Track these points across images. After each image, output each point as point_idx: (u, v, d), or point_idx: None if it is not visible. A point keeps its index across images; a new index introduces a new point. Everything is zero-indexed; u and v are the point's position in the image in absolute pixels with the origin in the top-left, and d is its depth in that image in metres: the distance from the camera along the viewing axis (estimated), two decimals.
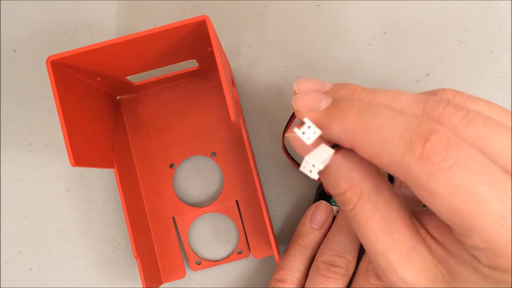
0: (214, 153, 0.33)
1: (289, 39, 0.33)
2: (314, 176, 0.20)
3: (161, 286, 0.32)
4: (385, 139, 0.18)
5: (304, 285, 0.29)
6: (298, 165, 0.32)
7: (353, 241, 0.28)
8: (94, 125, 0.28)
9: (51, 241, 0.33)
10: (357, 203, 0.20)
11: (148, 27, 0.33)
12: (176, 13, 0.33)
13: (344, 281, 0.28)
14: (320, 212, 0.30)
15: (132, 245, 0.29)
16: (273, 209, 0.33)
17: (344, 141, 0.20)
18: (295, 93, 0.22)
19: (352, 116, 0.19)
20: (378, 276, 0.27)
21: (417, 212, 0.22)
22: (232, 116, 0.23)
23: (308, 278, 0.29)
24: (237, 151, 0.32)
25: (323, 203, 0.30)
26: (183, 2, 0.33)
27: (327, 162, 0.20)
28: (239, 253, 0.32)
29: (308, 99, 0.21)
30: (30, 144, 0.33)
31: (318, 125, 0.20)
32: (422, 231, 0.21)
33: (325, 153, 0.20)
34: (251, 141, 0.33)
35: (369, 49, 0.32)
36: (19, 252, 0.33)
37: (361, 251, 0.29)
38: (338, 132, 0.20)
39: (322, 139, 0.21)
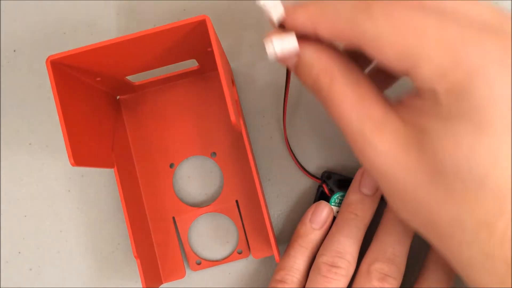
0: (214, 153, 0.33)
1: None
2: (276, 50, 0.22)
3: (161, 286, 0.32)
4: (339, 10, 0.21)
5: (304, 286, 0.29)
6: (299, 162, 0.32)
7: (354, 242, 0.28)
8: (94, 125, 0.28)
9: (51, 241, 0.33)
10: (330, 85, 0.22)
11: (148, 27, 0.33)
12: (176, 13, 0.33)
13: (344, 282, 0.28)
14: (320, 212, 0.30)
15: (132, 245, 0.29)
16: (273, 209, 0.33)
17: (308, 26, 0.22)
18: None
19: (313, 6, 0.22)
20: (379, 278, 0.27)
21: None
22: (232, 116, 0.23)
23: (308, 278, 0.29)
24: (237, 151, 0.32)
25: (323, 203, 0.30)
26: (183, 2, 0.33)
27: (290, 46, 0.22)
28: (239, 253, 0.32)
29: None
30: (30, 144, 0.33)
31: (284, 17, 0.23)
32: (394, 104, 0.23)
33: (286, 39, 0.22)
34: (251, 141, 0.33)
35: None
36: (19, 252, 0.33)
37: (362, 252, 0.29)
38: (302, 19, 0.22)
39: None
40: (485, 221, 0.20)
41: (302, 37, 0.23)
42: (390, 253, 0.27)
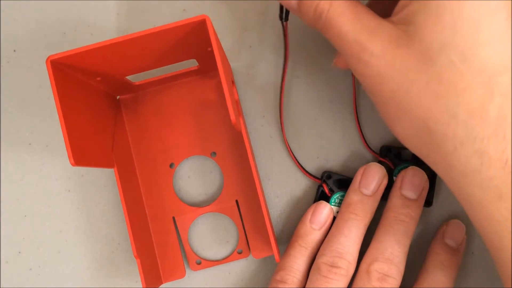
0: (214, 153, 0.33)
1: (289, 39, 0.33)
2: None
3: (161, 286, 0.32)
4: None
5: (304, 286, 0.29)
6: (299, 162, 0.32)
7: (354, 242, 0.28)
8: (94, 125, 0.28)
9: (51, 241, 0.33)
10: (329, 8, 0.23)
11: (148, 27, 0.33)
12: (176, 13, 0.33)
13: (344, 282, 0.28)
14: (320, 212, 0.30)
15: (132, 245, 0.29)
16: (273, 209, 0.33)
17: None
18: None
19: None
20: (379, 278, 0.27)
21: None
22: (232, 116, 0.23)
23: (308, 278, 0.29)
24: (237, 151, 0.32)
25: (323, 203, 0.30)
26: (183, 2, 0.33)
27: None
28: (239, 253, 0.32)
29: None
30: (30, 144, 0.33)
31: None
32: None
33: None
34: (251, 141, 0.33)
35: None
36: (19, 252, 0.33)
37: (362, 252, 0.29)
38: None
39: None
40: (476, 107, 0.20)
41: None
42: (390, 253, 0.27)
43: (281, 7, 0.30)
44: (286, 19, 0.30)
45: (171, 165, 0.33)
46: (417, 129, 0.22)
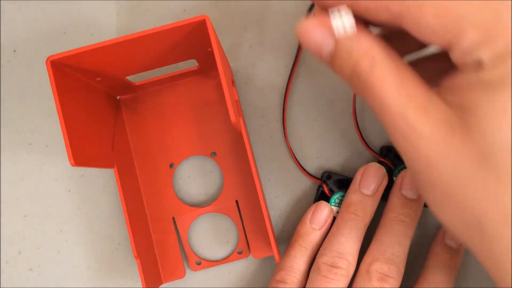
0: (214, 153, 0.33)
1: (289, 39, 0.33)
2: (349, 29, 0.21)
3: (161, 286, 0.32)
4: None
5: (304, 286, 0.29)
6: (299, 162, 0.32)
7: (354, 242, 0.28)
8: (94, 125, 0.28)
9: (51, 241, 0.33)
10: (370, 69, 0.21)
11: (148, 27, 0.33)
12: (176, 13, 0.33)
13: (345, 282, 0.28)
14: (321, 212, 0.30)
15: (132, 245, 0.29)
16: (273, 209, 0.33)
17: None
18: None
19: None
20: (379, 278, 0.27)
21: None
22: (232, 117, 0.23)
23: (309, 279, 0.29)
24: (237, 151, 0.32)
25: (323, 203, 0.30)
26: (183, 2, 0.33)
27: (351, 21, 0.21)
28: (239, 253, 0.32)
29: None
30: (30, 144, 0.33)
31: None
32: (435, 88, 0.21)
33: (341, 12, 0.21)
34: (251, 141, 0.33)
35: None
36: (19, 252, 0.33)
37: (362, 252, 0.29)
38: None
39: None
40: None
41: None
42: (390, 253, 0.27)
43: (312, 7, 0.30)
44: None
45: (171, 165, 0.33)
46: (466, 221, 0.20)
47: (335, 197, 0.31)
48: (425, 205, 0.30)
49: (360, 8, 0.21)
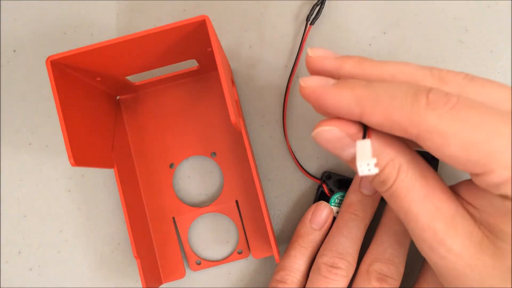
0: (214, 153, 0.33)
1: (289, 39, 0.33)
2: (374, 170, 0.20)
3: (161, 286, 0.32)
4: (394, 96, 0.20)
5: (304, 286, 0.29)
6: (299, 162, 0.32)
7: (354, 243, 0.28)
8: (94, 125, 0.28)
9: (51, 241, 0.33)
10: (396, 177, 0.21)
11: (148, 27, 0.33)
12: (176, 13, 0.33)
13: (345, 282, 0.28)
14: (321, 212, 0.30)
15: (132, 245, 0.29)
16: (273, 209, 0.33)
17: (354, 109, 0.21)
18: (307, 56, 0.24)
19: (360, 86, 0.21)
20: (379, 278, 0.27)
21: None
22: (232, 117, 0.23)
23: (309, 279, 0.29)
24: (237, 151, 0.32)
25: (323, 204, 0.30)
26: (183, 2, 0.33)
27: (371, 152, 0.21)
28: (239, 253, 0.32)
29: (316, 78, 0.22)
30: (30, 144, 0.33)
31: (324, 98, 0.21)
32: (459, 198, 0.21)
33: (365, 145, 0.21)
34: (251, 141, 0.33)
35: (369, 49, 0.32)
36: (19, 252, 0.33)
37: (362, 252, 0.29)
38: (348, 100, 0.21)
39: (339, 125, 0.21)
40: None
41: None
42: (390, 253, 0.27)
43: (313, 8, 0.30)
44: (313, 23, 0.31)
45: (171, 165, 0.33)
46: None
47: (335, 197, 0.31)
48: None
49: (372, 123, 0.21)
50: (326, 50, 0.24)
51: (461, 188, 0.22)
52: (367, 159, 0.20)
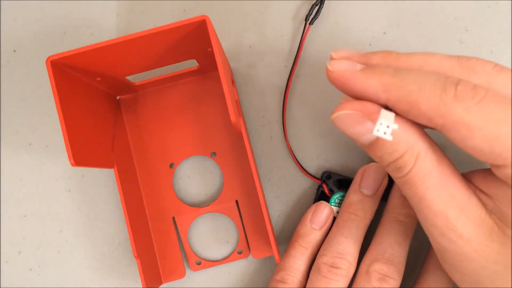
0: (214, 153, 0.33)
1: (289, 39, 0.33)
2: (389, 137, 0.20)
3: (161, 286, 0.32)
4: (422, 87, 0.20)
5: (304, 286, 0.29)
6: (299, 162, 0.32)
7: (354, 242, 0.28)
8: (94, 125, 0.28)
9: (51, 241, 0.33)
10: (414, 164, 0.21)
11: (148, 27, 0.33)
12: (176, 13, 0.33)
13: (345, 282, 0.28)
14: (321, 212, 0.30)
15: (132, 245, 0.29)
16: (273, 209, 0.33)
17: (381, 96, 0.21)
18: (331, 59, 0.24)
19: (388, 74, 0.21)
20: (379, 278, 0.27)
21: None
22: (232, 117, 0.23)
23: (309, 279, 0.29)
24: (237, 151, 0.32)
25: (323, 204, 0.30)
26: (183, 2, 0.33)
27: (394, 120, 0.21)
28: (239, 253, 0.32)
29: (343, 62, 0.23)
30: (30, 144, 0.33)
31: (351, 83, 0.22)
32: (471, 186, 0.22)
33: (389, 114, 0.21)
34: (251, 141, 0.33)
35: (369, 49, 0.32)
36: (19, 252, 0.33)
37: (362, 252, 0.29)
38: (375, 88, 0.21)
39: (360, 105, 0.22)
40: None
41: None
42: (390, 253, 0.27)
43: (312, 8, 0.30)
44: (312, 22, 0.31)
45: (171, 165, 0.33)
46: None
47: (335, 197, 0.31)
48: None
49: (397, 109, 0.21)
50: (350, 50, 0.24)
51: (475, 176, 0.23)
52: (389, 121, 0.20)
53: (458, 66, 0.22)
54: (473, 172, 0.23)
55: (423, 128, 0.22)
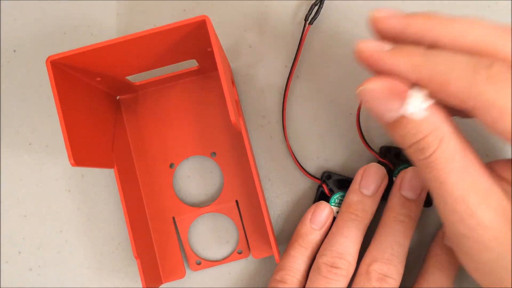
0: (214, 153, 0.33)
1: (289, 39, 0.33)
2: (423, 113, 0.20)
3: (161, 286, 0.32)
4: (453, 67, 0.20)
5: (304, 286, 0.29)
6: (299, 162, 0.32)
7: (354, 243, 0.28)
8: (94, 125, 0.28)
9: (51, 241, 0.33)
10: (438, 147, 0.21)
11: (148, 27, 0.33)
12: (176, 13, 0.33)
13: (344, 282, 0.28)
14: (321, 212, 0.30)
15: (132, 245, 0.29)
16: (273, 209, 0.33)
17: (410, 75, 0.21)
18: (372, 17, 0.23)
19: (418, 54, 0.21)
20: (378, 278, 0.27)
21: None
22: (232, 117, 0.23)
23: (308, 279, 0.29)
24: (237, 151, 0.32)
25: (323, 204, 0.30)
26: (183, 2, 0.33)
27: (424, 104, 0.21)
28: (239, 253, 0.32)
29: (371, 43, 0.22)
30: (30, 144, 0.33)
31: (380, 63, 0.21)
32: (494, 174, 0.22)
33: (419, 94, 0.21)
34: (251, 141, 0.33)
35: None
36: (19, 252, 0.33)
37: (361, 252, 0.29)
38: (404, 67, 0.21)
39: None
40: None
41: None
42: (389, 253, 0.27)
43: (311, 7, 0.30)
44: (311, 22, 0.31)
45: (171, 165, 0.33)
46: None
47: (335, 197, 0.31)
48: (425, 205, 0.30)
49: (429, 91, 0.21)
50: (392, 10, 0.23)
51: (498, 165, 0.23)
52: (420, 100, 0.20)
53: (506, 38, 0.21)
54: (496, 161, 0.23)
55: (450, 115, 0.22)
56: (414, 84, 0.21)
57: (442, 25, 0.22)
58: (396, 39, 0.23)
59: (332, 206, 0.31)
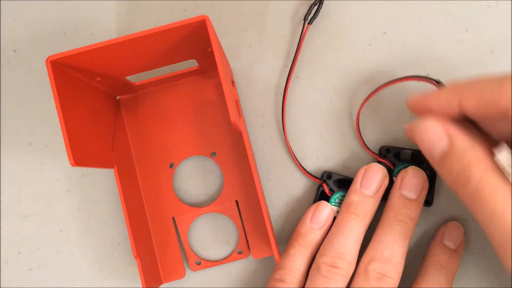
0: (214, 153, 0.33)
1: (288, 39, 0.33)
2: (509, 170, 0.21)
3: (161, 286, 0.32)
4: (485, 80, 0.23)
5: (303, 285, 0.29)
6: (299, 162, 0.32)
7: (354, 242, 0.28)
8: (94, 125, 0.28)
9: (51, 241, 0.33)
10: (482, 177, 0.21)
11: (148, 27, 0.33)
12: (176, 13, 0.33)
13: (344, 282, 0.28)
14: (321, 212, 0.30)
15: (132, 245, 0.29)
16: (273, 209, 0.33)
17: (452, 100, 0.23)
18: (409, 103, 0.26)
19: (456, 82, 0.24)
20: (377, 277, 0.27)
21: None
22: (232, 117, 0.23)
23: (308, 278, 0.29)
24: (237, 151, 0.32)
25: (323, 203, 0.30)
26: (183, 2, 0.33)
27: None
28: (239, 253, 0.32)
29: (417, 94, 0.25)
30: (30, 144, 0.33)
31: (425, 101, 0.25)
32: None
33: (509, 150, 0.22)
34: (251, 141, 0.33)
35: (369, 49, 0.32)
36: (19, 252, 0.33)
37: (361, 252, 0.29)
38: (447, 94, 0.24)
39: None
40: None
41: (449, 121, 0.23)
42: (388, 253, 0.27)
43: (310, 7, 0.30)
44: (310, 22, 0.31)
45: (171, 165, 0.33)
46: None
47: (335, 197, 0.31)
48: (425, 205, 0.30)
49: (468, 107, 0.22)
50: (421, 92, 0.25)
51: None
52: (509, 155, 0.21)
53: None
54: None
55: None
56: (459, 115, 0.23)
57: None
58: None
59: (333, 206, 0.31)
